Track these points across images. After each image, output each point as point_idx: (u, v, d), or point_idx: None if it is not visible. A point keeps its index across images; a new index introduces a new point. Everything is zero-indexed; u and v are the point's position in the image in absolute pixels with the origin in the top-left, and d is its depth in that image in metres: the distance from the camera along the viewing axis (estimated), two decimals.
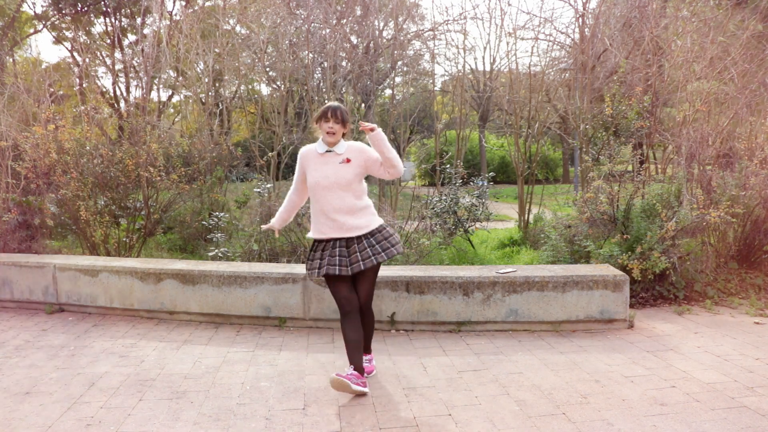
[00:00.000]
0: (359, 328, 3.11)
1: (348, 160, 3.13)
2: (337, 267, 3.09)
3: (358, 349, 3.10)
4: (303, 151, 3.28)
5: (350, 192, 3.14)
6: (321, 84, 11.74)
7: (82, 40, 17.06)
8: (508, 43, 19.68)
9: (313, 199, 3.21)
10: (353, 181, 3.14)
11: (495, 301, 4.15)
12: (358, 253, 3.12)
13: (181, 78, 11.18)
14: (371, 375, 3.36)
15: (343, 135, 3.20)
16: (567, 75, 10.55)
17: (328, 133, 3.13)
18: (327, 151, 3.16)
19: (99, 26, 20.09)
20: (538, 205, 8.62)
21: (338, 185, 3.12)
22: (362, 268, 3.09)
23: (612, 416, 2.75)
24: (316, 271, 3.14)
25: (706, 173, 5.26)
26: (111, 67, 19.06)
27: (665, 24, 7.16)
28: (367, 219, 3.19)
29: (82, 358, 3.72)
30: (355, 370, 3.07)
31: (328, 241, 3.17)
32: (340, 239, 3.14)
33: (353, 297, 3.13)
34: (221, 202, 7.54)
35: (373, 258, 3.11)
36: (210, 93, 9.88)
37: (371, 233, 3.17)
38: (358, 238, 3.15)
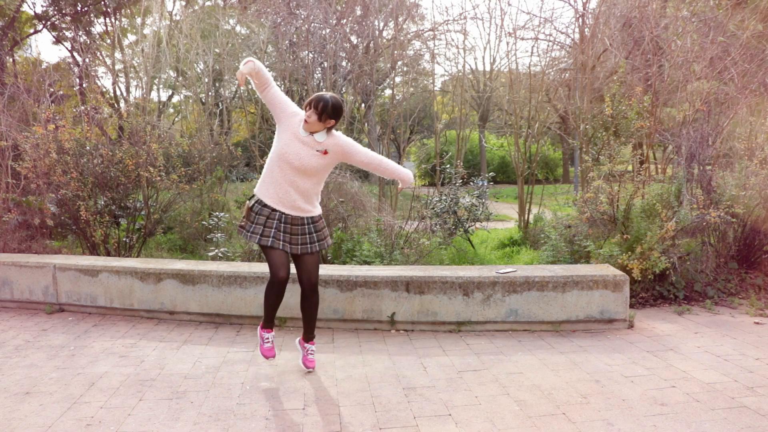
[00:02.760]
0: (281, 297, 3.34)
1: (326, 152, 3.20)
2: (281, 242, 3.24)
3: (275, 311, 3.42)
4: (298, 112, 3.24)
5: (314, 179, 3.26)
6: (321, 84, 11.74)
7: (82, 40, 17.05)
8: (508, 43, 19.66)
9: (276, 166, 3.22)
10: (321, 171, 3.25)
11: (495, 301, 4.15)
12: (303, 236, 3.29)
13: (181, 78, 11.18)
14: (312, 371, 3.44)
15: (329, 129, 3.22)
16: (567, 75, 10.54)
17: (306, 121, 3.14)
18: (310, 133, 3.18)
19: (99, 26, 20.07)
20: (538, 205, 8.63)
21: (306, 171, 3.19)
22: (309, 251, 3.30)
23: (612, 416, 2.75)
24: (258, 237, 3.23)
25: (706, 173, 5.26)
26: (111, 67, 19.05)
27: (665, 24, 7.16)
28: (315, 206, 3.36)
29: (82, 358, 3.72)
30: (263, 329, 3.44)
31: (274, 210, 3.25)
32: (286, 215, 3.26)
33: (287, 267, 3.28)
34: (221, 202, 7.53)
35: (317, 244, 3.34)
36: (210, 93, 9.89)
37: (313, 219, 3.34)
38: (301, 219, 3.28)
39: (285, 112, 3.23)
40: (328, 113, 3.12)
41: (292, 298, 4.33)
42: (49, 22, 18.91)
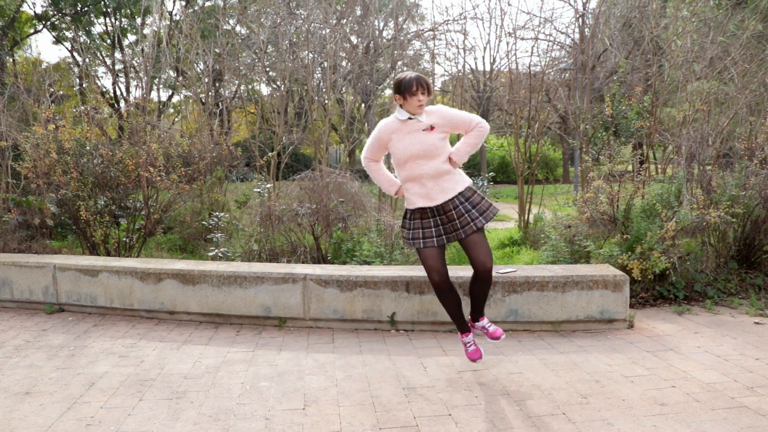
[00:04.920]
0: (454, 296, 3.25)
1: (432, 128, 3.13)
2: (434, 239, 3.16)
3: (461, 313, 3.31)
4: (382, 124, 3.26)
5: (437, 158, 3.13)
6: (321, 84, 11.74)
7: (82, 40, 17.04)
8: (508, 43, 19.71)
9: (401, 169, 3.22)
10: (440, 146, 3.13)
11: (495, 301, 4.15)
12: (456, 221, 3.11)
13: (181, 78, 11.18)
14: (502, 338, 3.36)
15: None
16: (567, 75, 10.55)
17: (419, 106, 3.11)
18: (409, 119, 3.15)
19: (99, 26, 20.08)
20: (538, 205, 8.62)
21: (425, 153, 3.11)
22: (463, 236, 3.11)
23: (612, 416, 2.75)
24: (418, 241, 3.17)
25: (706, 173, 5.26)
26: (111, 67, 19.05)
27: (665, 24, 7.16)
28: (453, 181, 3.16)
29: (82, 358, 3.72)
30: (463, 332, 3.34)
31: (423, 210, 3.19)
32: (432, 208, 3.16)
33: (443, 269, 3.19)
34: (221, 202, 7.53)
35: (472, 224, 3.10)
36: (210, 93, 9.88)
37: (464, 195, 3.15)
38: (452, 202, 3.13)
39: (391, 141, 3.22)
40: (431, 87, 3.16)
41: (292, 298, 4.33)
42: (49, 22, 18.91)
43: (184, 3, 18.34)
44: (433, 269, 3.18)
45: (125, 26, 19.29)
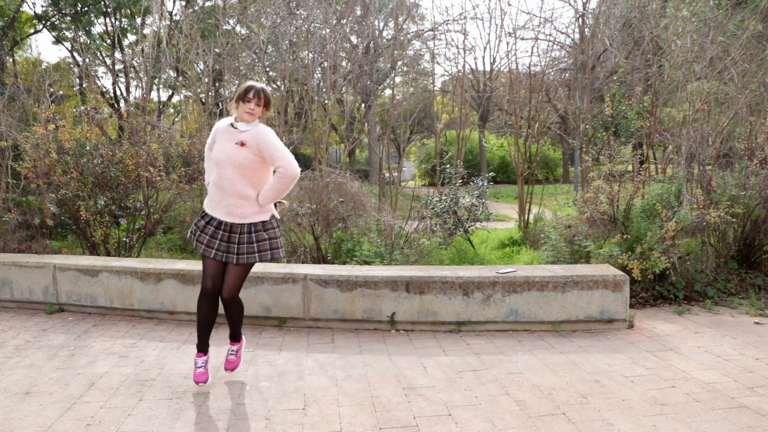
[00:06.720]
0: (212, 311, 3.16)
1: (242, 144, 3.00)
2: (214, 251, 3.09)
3: (207, 331, 3.19)
4: (217, 123, 3.22)
5: (244, 177, 3.03)
6: (321, 84, 11.75)
7: (82, 40, 17.04)
8: (508, 43, 19.73)
9: (212, 171, 3.14)
10: (246, 167, 3.01)
11: (495, 301, 4.15)
12: (236, 246, 3.07)
13: (181, 78, 11.17)
14: (235, 371, 3.38)
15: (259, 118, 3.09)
16: (567, 75, 10.56)
17: (247, 113, 3.01)
18: (231, 125, 3.06)
19: (99, 26, 20.07)
20: (538, 205, 8.62)
21: (231, 164, 3.01)
22: (235, 263, 3.08)
23: (612, 416, 2.75)
24: (196, 244, 3.15)
25: (706, 173, 5.26)
26: (111, 67, 19.05)
27: (665, 24, 7.16)
28: (251, 210, 3.07)
29: (82, 358, 3.72)
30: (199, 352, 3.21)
31: (212, 217, 3.13)
32: (219, 221, 3.10)
33: (218, 280, 3.14)
34: None
35: (246, 256, 3.07)
36: (210, 93, 9.87)
37: (255, 227, 3.08)
38: (241, 227, 3.08)
39: (216, 140, 3.16)
40: (270, 100, 3.07)
41: (292, 298, 4.33)
42: (49, 22, 18.90)
43: (184, 3, 18.34)
44: (208, 276, 3.13)
45: (125, 26, 19.28)
